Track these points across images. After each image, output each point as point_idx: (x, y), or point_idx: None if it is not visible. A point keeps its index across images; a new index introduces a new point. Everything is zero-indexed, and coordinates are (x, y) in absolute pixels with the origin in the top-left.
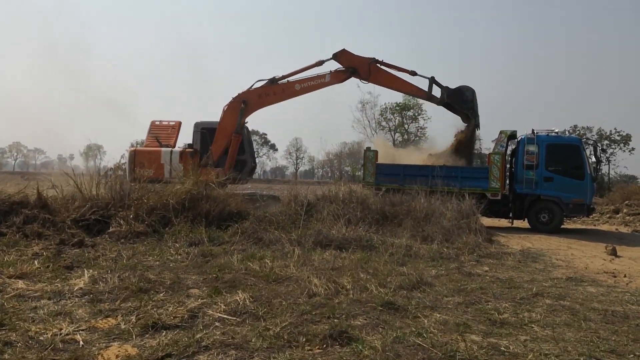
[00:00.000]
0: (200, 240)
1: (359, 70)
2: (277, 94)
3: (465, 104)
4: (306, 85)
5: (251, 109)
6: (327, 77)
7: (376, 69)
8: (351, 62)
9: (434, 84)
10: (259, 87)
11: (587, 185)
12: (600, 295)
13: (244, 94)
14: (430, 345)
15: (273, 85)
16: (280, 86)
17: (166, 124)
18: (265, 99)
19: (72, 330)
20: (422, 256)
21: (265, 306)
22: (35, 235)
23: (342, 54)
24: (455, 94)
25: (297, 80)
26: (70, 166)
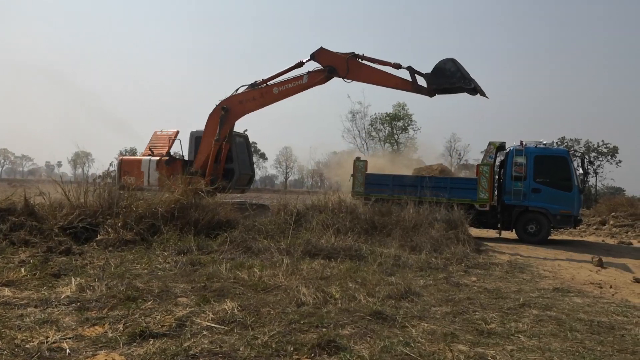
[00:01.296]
0: (189, 248)
1: (338, 68)
2: (257, 99)
3: (453, 76)
4: (284, 88)
5: (233, 116)
6: (304, 78)
7: (355, 64)
8: (329, 61)
9: (415, 74)
10: (240, 92)
11: (575, 197)
12: (586, 306)
13: (225, 101)
14: (417, 355)
15: (253, 90)
16: (259, 91)
17: (165, 133)
18: (246, 105)
19: (58, 338)
20: (411, 266)
21: (254, 315)
22: (22, 243)
23: (319, 52)
24: (437, 74)
25: (275, 83)
26: (58, 173)
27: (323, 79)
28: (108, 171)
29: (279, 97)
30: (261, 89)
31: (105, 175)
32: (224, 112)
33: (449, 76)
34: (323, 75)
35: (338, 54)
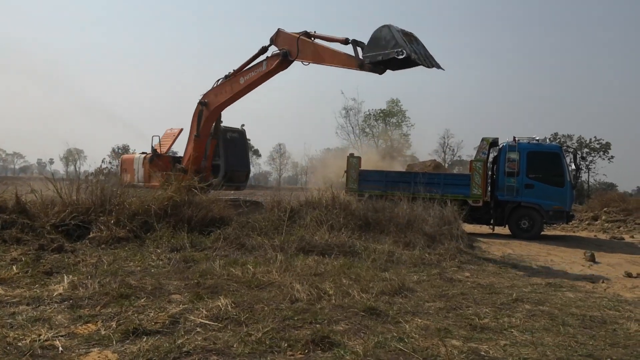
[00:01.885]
0: (182, 245)
1: (290, 50)
2: (227, 91)
3: (388, 45)
4: (248, 77)
5: (213, 110)
6: (263, 64)
7: (305, 44)
8: (286, 43)
9: (358, 47)
10: (216, 86)
11: (567, 193)
12: (578, 301)
13: (204, 96)
14: (411, 350)
15: (225, 81)
16: (229, 82)
17: (172, 131)
18: (220, 97)
19: (51, 336)
20: (404, 262)
21: (247, 312)
22: (14, 241)
23: (277, 35)
24: (372, 45)
25: (241, 73)
26: (50, 171)
27: (280, 63)
28: (100, 168)
29: (246, 86)
30: (230, 80)
31: (98, 172)
32: (203, 107)
33: (384, 46)
34: (278, 60)
35: (293, 35)
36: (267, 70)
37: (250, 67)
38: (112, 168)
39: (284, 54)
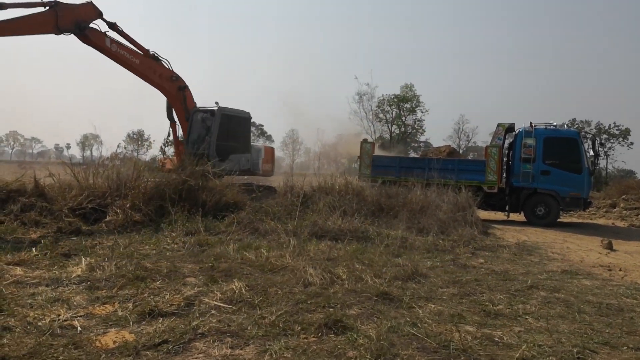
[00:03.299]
0: (196, 229)
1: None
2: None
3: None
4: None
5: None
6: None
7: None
8: None
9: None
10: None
11: (585, 179)
12: (595, 288)
13: (180, 79)
14: (424, 335)
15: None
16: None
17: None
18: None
19: (69, 316)
20: (418, 248)
21: (261, 295)
22: (33, 223)
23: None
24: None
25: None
26: (67, 155)
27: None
28: (116, 153)
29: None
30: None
31: (114, 157)
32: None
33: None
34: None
35: None
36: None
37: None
38: (128, 153)
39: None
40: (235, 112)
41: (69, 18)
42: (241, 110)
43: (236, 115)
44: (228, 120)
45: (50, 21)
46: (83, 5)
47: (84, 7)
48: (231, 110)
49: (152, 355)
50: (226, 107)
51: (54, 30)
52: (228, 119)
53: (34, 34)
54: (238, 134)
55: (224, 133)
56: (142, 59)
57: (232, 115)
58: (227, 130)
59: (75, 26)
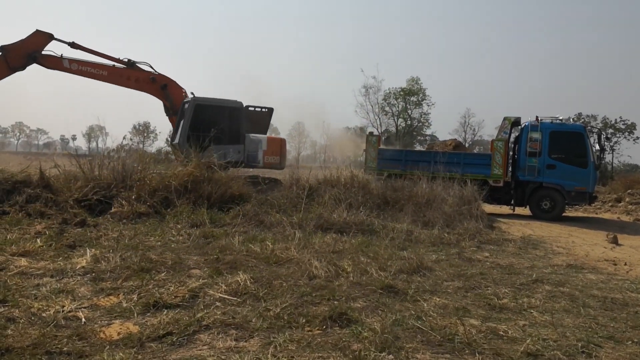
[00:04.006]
0: (201, 221)
1: None
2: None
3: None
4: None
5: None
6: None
7: None
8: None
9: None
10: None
11: (590, 174)
12: (600, 283)
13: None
14: (429, 329)
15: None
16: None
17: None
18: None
19: (74, 307)
20: (423, 241)
21: (266, 287)
22: (38, 214)
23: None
24: None
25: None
26: (73, 147)
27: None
28: (122, 145)
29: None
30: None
31: (119, 148)
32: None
33: None
34: None
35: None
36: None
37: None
38: (133, 145)
39: None
40: (219, 101)
41: (19, 54)
42: (230, 100)
43: (219, 105)
44: (205, 110)
45: (2, 67)
46: (30, 36)
47: (31, 38)
48: (212, 100)
49: (157, 347)
50: (204, 97)
51: (9, 72)
52: (206, 109)
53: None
54: (223, 124)
55: (201, 123)
56: (111, 69)
57: (213, 106)
58: (206, 121)
59: (28, 59)
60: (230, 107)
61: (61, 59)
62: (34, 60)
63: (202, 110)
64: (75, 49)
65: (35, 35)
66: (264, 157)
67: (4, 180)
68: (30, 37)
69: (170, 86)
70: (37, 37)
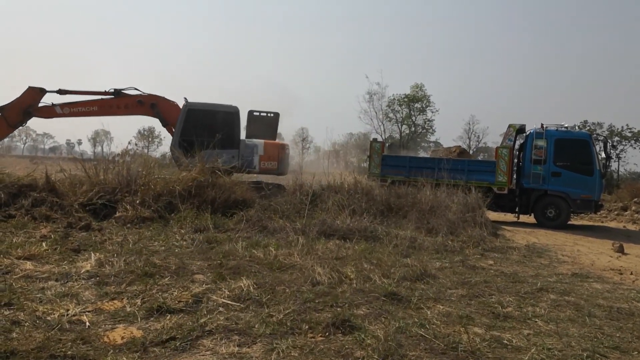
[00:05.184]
0: (205, 226)
1: None
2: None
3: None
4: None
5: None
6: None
7: None
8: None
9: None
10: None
11: (596, 182)
12: (605, 292)
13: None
14: (432, 336)
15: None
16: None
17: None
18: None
19: (78, 311)
20: (427, 248)
21: (269, 293)
22: (44, 218)
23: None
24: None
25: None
26: (78, 151)
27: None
28: (127, 149)
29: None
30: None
31: (124, 153)
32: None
33: None
34: None
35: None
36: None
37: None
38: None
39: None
40: (212, 106)
41: (16, 112)
42: (225, 104)
43: (212, 110)
44: (198, 115)
45: (2, 125)
46: (24, 93)
47: (26, 95)
48: (206, 105)
49: (160, 352)
50: (197, 102)
51: (9, 130)
52: (198, 113)
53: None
54: (218, 129)
55: (194, 128)
56: (100, 103)
57: (207, 110)
58: (199, 126)
59: (25, 115)
60: (224, 112)
61: (53, 107)
62: (29, 116)
63: (194, 115)
64: (63, 94)
65: (28, 92)
66: (260, 162)
67: (11, 183)
68: (24, 94)
69: (159, 104)
70: (30, 93)
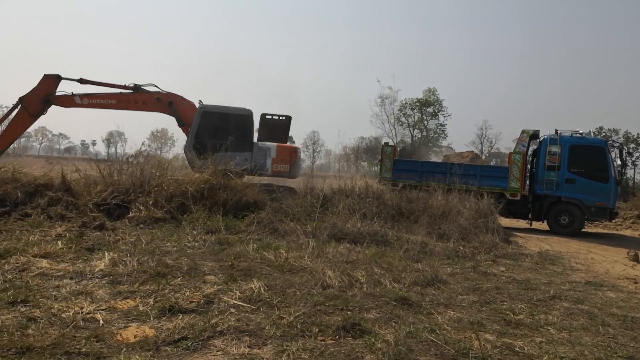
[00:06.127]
0: (217, 228)
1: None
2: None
3: None
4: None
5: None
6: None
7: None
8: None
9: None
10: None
11: (611, 189)
12: (620, 301)
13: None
14: (443, 342)
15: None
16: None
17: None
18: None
19: (92, 309)
20: (438, 254)
21: (280, 295)
22: (59, 217)
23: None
24: None
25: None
26: (93, 152)
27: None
28: (140, 150)
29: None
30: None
31: (138, 154)
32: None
33: None
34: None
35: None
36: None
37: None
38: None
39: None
40: (226, 109)
41: (35, 101)
42: (238, 107)
43: (226, 113)
44: (212, 118)
45: (24, 116)
46: (40, 82)
47: (42, 84)
48: (220, 108)
49: (172, 351)
50: (211, 105)
51: (32, 120)
52: (213, 116)
53: (24, 131)
54: (232, 131)
55: (208, 130)
56: (119, 97)
57: (220, 113)
58: (213, 128)
59: (44, 103)
60: (237, 115)
61: (72, 97)
62: (49, 104)
63: (209, 117)
64: (84, 84)
65: (44, 80)
66: (272, 165)
67: (27, 183)
68: (41, 83)
69: (176, 102)
70: (46, 81)
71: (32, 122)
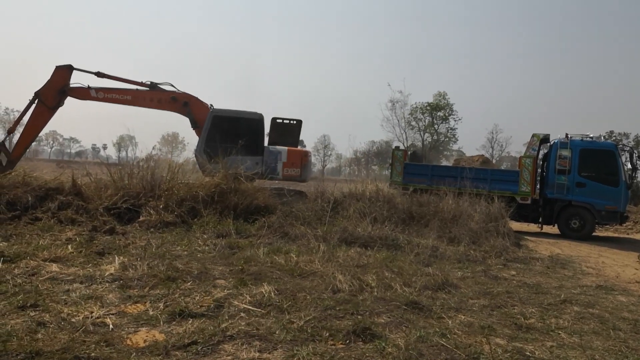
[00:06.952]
0: (227, 232)
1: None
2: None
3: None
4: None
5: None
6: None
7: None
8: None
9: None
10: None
11: (622, 193)
12: (631, 305)
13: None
14: (453, 346)
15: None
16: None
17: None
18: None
19: (102, 313)
20: (448, 257)
21: (290, 299)
22: (69, 221)
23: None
24: None
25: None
26: (103, 155)
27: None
28: (151, 154)
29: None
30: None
31: (149, 158)
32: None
33: None
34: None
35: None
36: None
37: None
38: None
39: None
40: (237, 113)
41: (52, 93)
42: (249, 111)
43: (237, 117)
44: (224, 122)
45: (43, 110)
46: (53, 74)
47: (55, 75)
48: (231, 112)
49: (182, 356)
50: (222, 109)
51: (51, 112)
52: (224, 120)
53: (44, 124)
54: (242, 135)
55: (219, 134)
56: (134, 93)
57: (232, 117)
58: (224, 132)
59: (60, 95)
60: (248, 119)
61: (88, 90)
62: (64, 95)
63: (220, 121)
64: (101, 77)
65: (57, 71)
66: (283, 168)
67: (38, 187)
68: (54, 74)
69: (191, 103)
70: (59, 72)
71: (51, 115)
